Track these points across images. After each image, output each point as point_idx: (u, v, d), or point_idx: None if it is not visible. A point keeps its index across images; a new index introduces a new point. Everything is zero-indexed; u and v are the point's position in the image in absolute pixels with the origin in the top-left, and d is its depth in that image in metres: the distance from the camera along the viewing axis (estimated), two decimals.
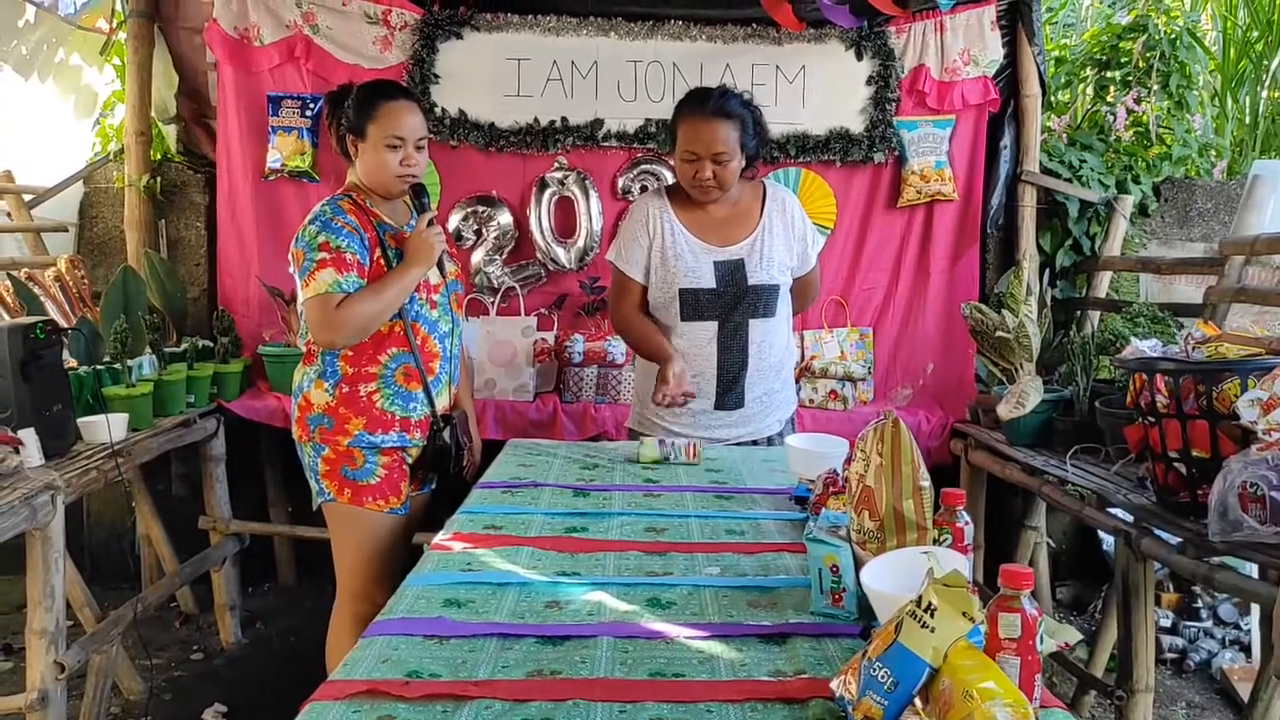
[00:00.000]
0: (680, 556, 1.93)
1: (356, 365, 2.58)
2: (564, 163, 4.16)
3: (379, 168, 2.58)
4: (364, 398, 2.58)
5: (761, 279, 2.86)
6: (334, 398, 2.58)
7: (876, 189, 4.22)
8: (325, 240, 2.48)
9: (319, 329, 2.49)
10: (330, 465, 2.59)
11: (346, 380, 2.58)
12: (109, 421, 3.12)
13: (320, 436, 2.59)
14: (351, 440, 2.57)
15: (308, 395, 2.62)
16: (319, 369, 2.61)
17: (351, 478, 2.59)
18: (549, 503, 2.31)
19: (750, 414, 2.95)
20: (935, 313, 4.21)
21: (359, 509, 2.60)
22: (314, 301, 2.47)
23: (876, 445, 1.58)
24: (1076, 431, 3.25)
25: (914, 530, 1.56)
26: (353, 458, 2.58)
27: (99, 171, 4.35)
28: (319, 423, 2.59)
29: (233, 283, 4.20)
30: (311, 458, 2.62)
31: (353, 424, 2.57)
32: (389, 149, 2.56)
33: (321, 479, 2.62)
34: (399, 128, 2.56)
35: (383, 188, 2.62)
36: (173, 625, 4.03)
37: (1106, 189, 4.19)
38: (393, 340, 2.59)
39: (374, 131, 2.55)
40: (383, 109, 2.56)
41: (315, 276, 2.46)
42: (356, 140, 2.59)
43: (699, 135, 2.73)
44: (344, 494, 2.60)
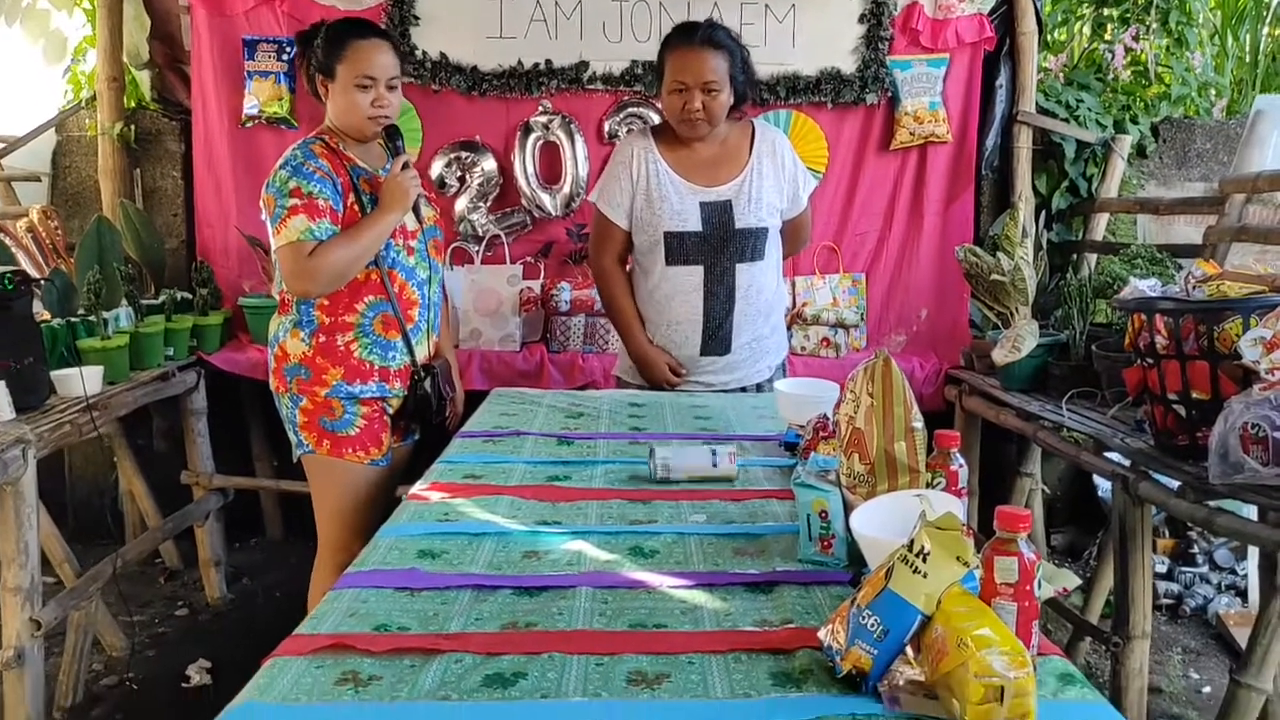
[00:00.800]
0: (665, 504, 1.86)
1: (333, 314, 2.50)
2: (548, 106, 4.05)
3: (349, 109, 2.48)
4: (341, 347, 2.50)
5: (749, 221, 2.79)
6: (310, 348, 2.50)
7: (869, 131, 4.11)
8: (296, 186, 2.39)
9: (292, 278, 2.41)
10: (308, 416, 2.52)
11: (323, 330, 2.50)
12: (83, 374, 3.04)
13: (298, 387, 2.51)
14: (329, 391, 2.50)
15: (283, 345, 2.54)
16: (294, 318, 2.52)
17: (330, 429, 2.52)
18: (531, 451, 2.24)
19: (738, 360, 2.88)
20: (929, 257, 4.13)
21: (338, 460, 2.53)
22: (286, 250, 2.39)
23: (867, 386, 1.51)
24: (1072, 376, 3.19)
25: (906, 473, 1.49)
26: (331, 408, 2.51)
27: (71, 120, 4.23)
28: (296, 373, 2.51)
29: (211, 233, 4.11)
30: (289, 409, 2.55)
31: (330, 374, 2.50)
32: (359, 89, 2.46)
33: (300, 431, 2.55)
34: (369, 67, 2.46)
35: (355, 130, 2.52)
36: (157, 581, 3.98)
37: (1104, 129, 4.09)
38: (369, 288, 2.51)
39: (343, 72, 2.46)
40: (352, 48, 2.45)
41: (287, 223, 2.38)
42: (326, 81, 2.50)
43: (688, 65, 2.66)
44: (323, 445, 2.53)
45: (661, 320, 2.87)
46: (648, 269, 2.87)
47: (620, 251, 2.93)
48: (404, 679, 1.19)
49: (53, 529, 3.18)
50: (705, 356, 2.86)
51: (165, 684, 3.15)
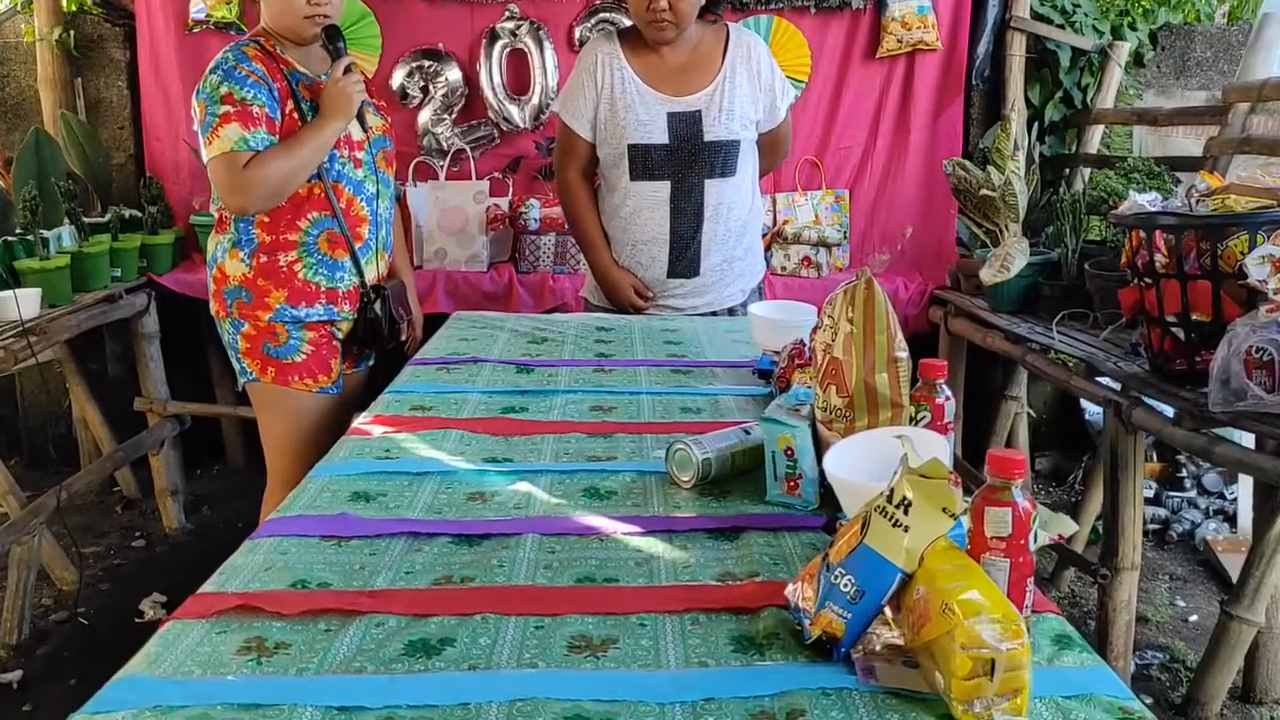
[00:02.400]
0: (627, 439, 1.72)
1: (274, 232, 2.31)
2: (515, 11, 3.80)
3: (285, 7, 2.27)
4: (284, 268, 2.32)
5: (719, 134, 2.61)
6: (251, 269, 2.32)
7: (854, 38, 3.89)
8: (228, 91, 2.19)
9: (227, 192, 2.23)
10: (251, 343, 2.36)
11: (264, 249, 2.32)
12: (16, 297, 2.86)
13: (239, 311, 2.34)
14: (273, 315, 2.33)
15: (222, 267, 2.36)
16: (233, 237, 2.34)
17: (275, 355, 2.36)
18: (488, 380, 2.09)
19: (708, 283, 2.73)
20: (915, 172, 3.94)
21: (285, 389, 2.38)
22: (219, 161, 2.20)
23: (846, 311, 1.36)
24: (1064, 296, 3.05)
25: (888, 408, 1.35)
26: (275, 333, 2.34)
27: (8, 25, 3.96)
28: (236, 296, 2.34)
29: (160, 147, 3.89)
30: (230, 335, 2.39)
31: (273, 297, 2.32)
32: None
33: (243, 358, 2.39)
34: None
35: (291, 31, 2.31)
36: (114, 511, 3.84)
37: (1100, 36, 3.88)
38: (313, 204, 2.32)
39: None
40: None
41: (219, 133, 2.18)
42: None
43: None
44: (267, 373, 2.37)
45: (626, 239, 2.71)
46: (612, 184, 2.70)
47: (585, 165, 2.76)
48: (315, 646, 1.05)
49: None
50: (673, 279, 2.71)
51: (118, 619, 3.03)
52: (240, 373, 2.42)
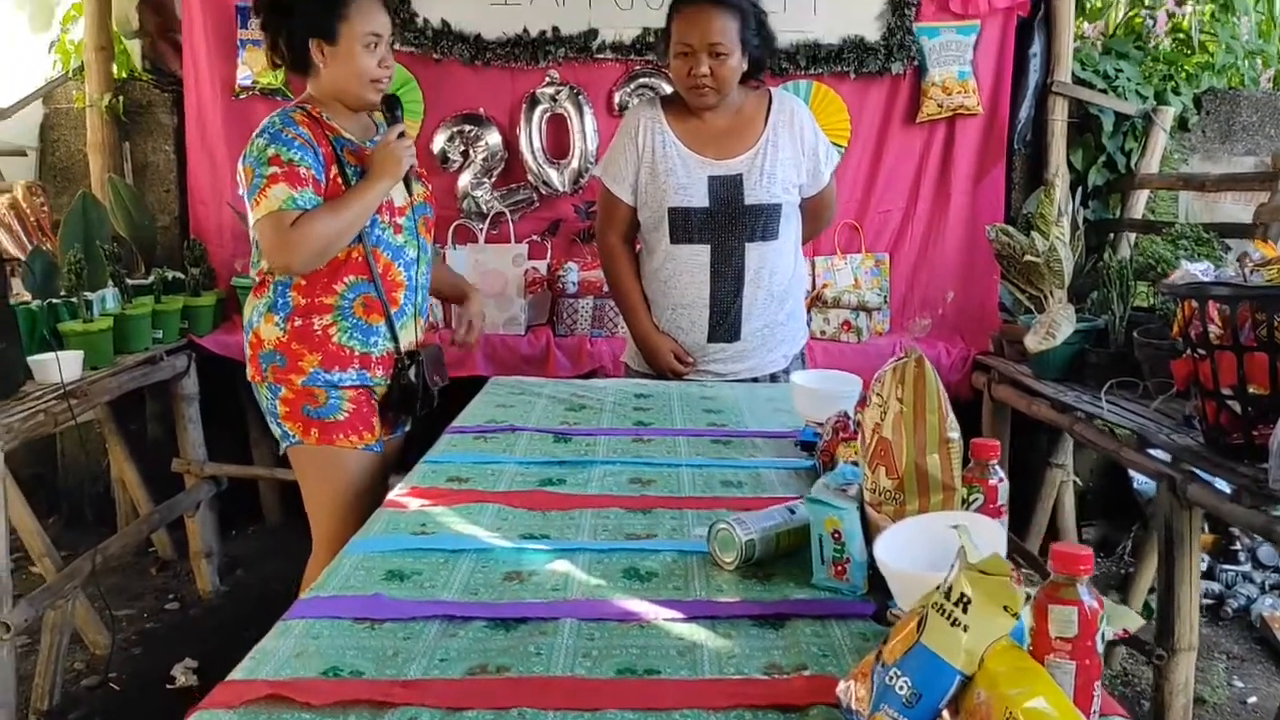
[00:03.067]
0: (667, 515, 1.68)
1: (310, 295, 2.30)
2: (555, 77, 3.84)
3: (354, 73, 2.27)
4: (319, 331, 2.30)
5: (761, 197, 2.58)
6: (285, 332, 2.30)
7: (894, 102, 3.89)
8: (276, 153, 2.19)
9: (273, 251, 2.22)
10: (290, 406, 2.33)
11: (299, 312, 2.30)
12: (59, 360, 2.87)
13: (274, 376, 2.32)
14: (306, 379, 2.30)
15: (258, 331, 2.34)
16: (269, 301, 2.33)
17: (316, 416, 2.32)
18: (525, 450, 2.06)
19: (749, 348, 2.69)
20: (956, 236, 3.92)
21: (330, 448, 2.33)
22: (266, 221, 2.19)
23: (896, 390, 1.32)
24: (1111, 364, 2.99)
25: (939, 490, 1.30)
26: (313, 395, 2.31)
27: (60, 91, 4.05)
28: (271, 360, 2.32)
29: (205, 210, 3.94)
30: (269, 400, 2.36)
31: (307, 360, 2.30)
32: (365, 49, 2.26)
33: (283, 421, 2.35)
34: (375, 23, 2.27)
35: (355, 97, 2.32)
36: (149, 572, 3.83)
37: (1144, 101, 3.85)
38: (350, 267, 2.31)
39: (347, 31, 2.24)
40: (354, 6, 2.25)
41: (266, 193, 2.18)
42: (324, 44, 2.26)
43: (693, 25, 2.47)
44: (310, 434, 2.33)
45: (666, 303, 2.68)
46: (652, 247, 2.69)
47: (626, 229, 2.75)
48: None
49: (33, 522, 3.02)
50: (713, 343, 2.67)
51: (149, 684, 3.00)
52: (282, 437, 2.38)
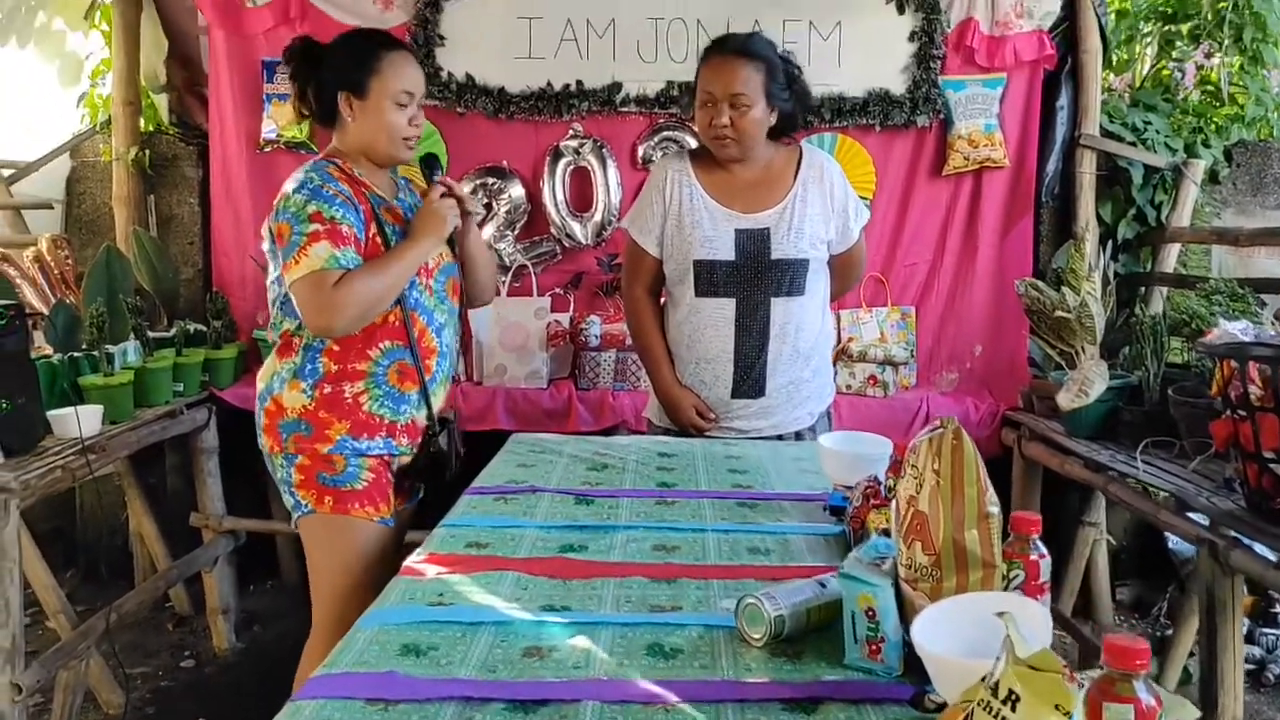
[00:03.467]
0: (692, 585, 1.62)
1: (343, 361, 2.18)
2: (579, 130, 3.84)
3: (383, 129, 2.20)
4: (349, 399, 2.18)
5: (788, 252, 2.55)
6: (312, 400, 2.17)
7: (919, 155, 3.87)
8: (317, 210, 2.08)
9: (315, 313, 2.09)
10: (305, 474, 2.18)
11: (329, 379, 2.18)
12: (78, 414, 2.85)
13: (295, 445, 2.17)
14: (333, 447, 2.17)
15: (278, 399, 2.20)
16: (294, 366, 2.20)
17: (332, 484, 2.18)
18: (546, 513, 2.01)
19: (773, 404, 2.64)
20: (984, 290, 3.87)
21: (345, 517, 2.18)
22: (306, 281, 2.07)
23: (932, 462, 1.26)
24: (1146, 423, 2.92)
25: (979, 568, 1.24)
26: (332, 462, 2.18)
27: (86, 145, 4.08)
28: (294, 430, 2.18)
29: (228, 263, 3.95)
30: (284, 469, 2.21)
31: (335, 429, 2.17)
32: (397, 106, 2.20)
33: (297, 490, 2.20)
34: (408, 80, 2.21)
35: (384, 154, 2.24)
36: (165, 628, 3.78)
37: (1173, 153, 3.80)
38: (387, 332, 2.21)
39: (378, 87, 2.18)
40: (386, 60, 2.19)
41: (307, 251, 2.06)
42: (353, 98, 2.19)
43: (717, 75, 2.46)
44: (324, 503, 2.18)
45: (690, 356, 2.64)
46: (677, 300, 2.66)
47: (652, 282, 2.72)
48: None
49: (49, 578, 3.00)
50: (737, 399, 2.63)
51: None
52: (294, 507, 2.23)
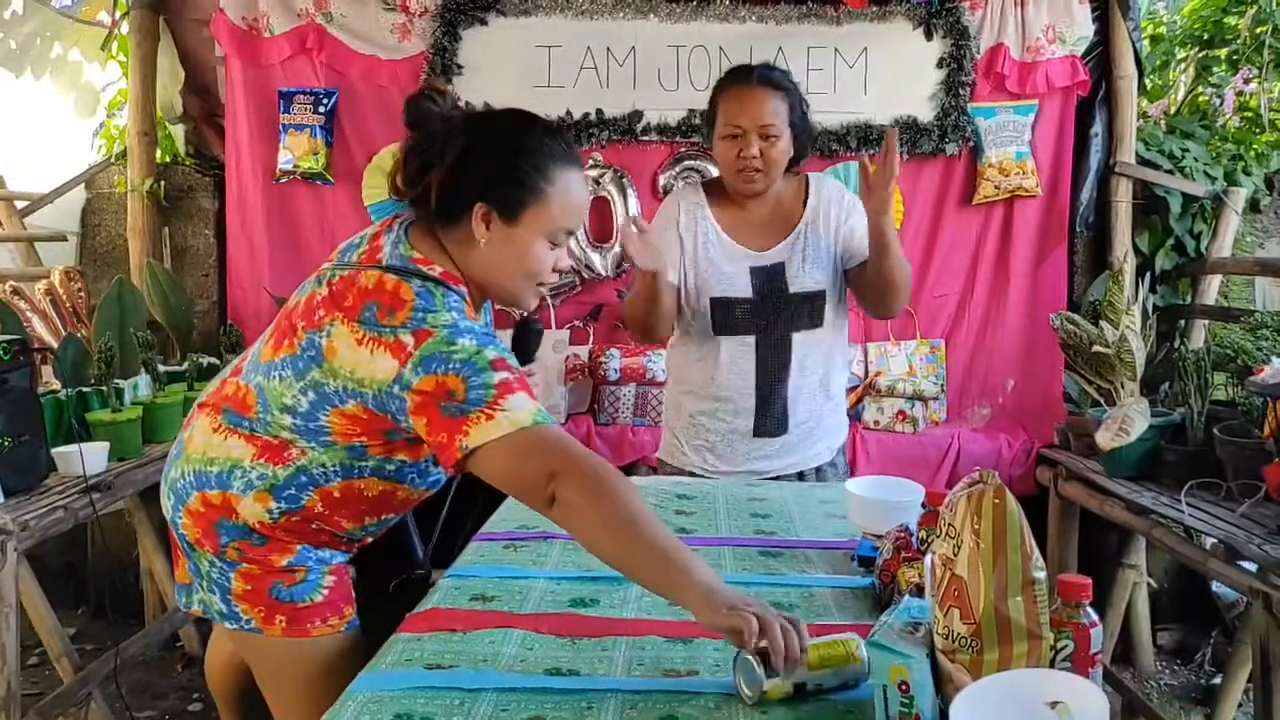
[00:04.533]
0: (710, 646, 1.51)
1: (332, 510, 1.70)
2: (599, 159, 3.77)
3: (520, 269, 1.67)
4: (317, 530, 1.73)
5: (805, 285, 2.45)
6: (275, 523, 1.68)
7: (949, 184, 3.77)
8: (498, 356, 1.53)
9: (542, 477, 1.47)
10: (254, 584, 1.69)
11: (307, 517, 1.69)
12: (82, 452, 2.78)
13: (239, 553, 1.68)
14: (293, 559, 1.71)
15: (229, 498, 1.66)
16: (272, 481, 1.65)
17: (288, 599, 1.70)
18: (557, 562, 1.90)
19: (794, 441, 2.52)
20: (1016, 322, 3.76)
21: (301, 640, 1.71)
22: (521, 439, 1.48)
23: (971, 522, 1.15)
24: (1190, 463, 2.79)
25: (1024, 639, 1.13)
26: (292, 572, 1.71)
27: (101, 176, 4.05)
28: (241, 536, 1.68)
29: (243, 295, 3.89)
30: (217, 572, 1.70)
31: (295, 545, 1.71)
32: (550, 245, 1.68)
33: (236, 602, 1.69)
34: (577, 214, 1.70)
35: (508, 293, 1.70)
36: (175, 669, 3.69)
37: (1213, 181, 3.69)
38: (395, 506, 1.80)
39: (536, 214, 1.63)
40: (561, 182, 1.64)
41: (504, 405, 1.48)
42: (498, 218, 1.62)
43: (744, 107, 2.35)
44: (275, 623, 1.69)
45: (707, 395, 2.52)
46: (692, 338, 2.54)
47: (671, 310, 2.50)
48: None
49: (52, 620, 2.90)
50: (759, 437, 2.51)
51: None
52: (227, 615, 1.71)
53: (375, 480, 1.70)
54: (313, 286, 1.67)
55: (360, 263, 1.65)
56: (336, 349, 1.56)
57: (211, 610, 1.72)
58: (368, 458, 1.67)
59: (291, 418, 1.63)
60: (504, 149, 1.62)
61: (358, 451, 1.66)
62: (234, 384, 1.73)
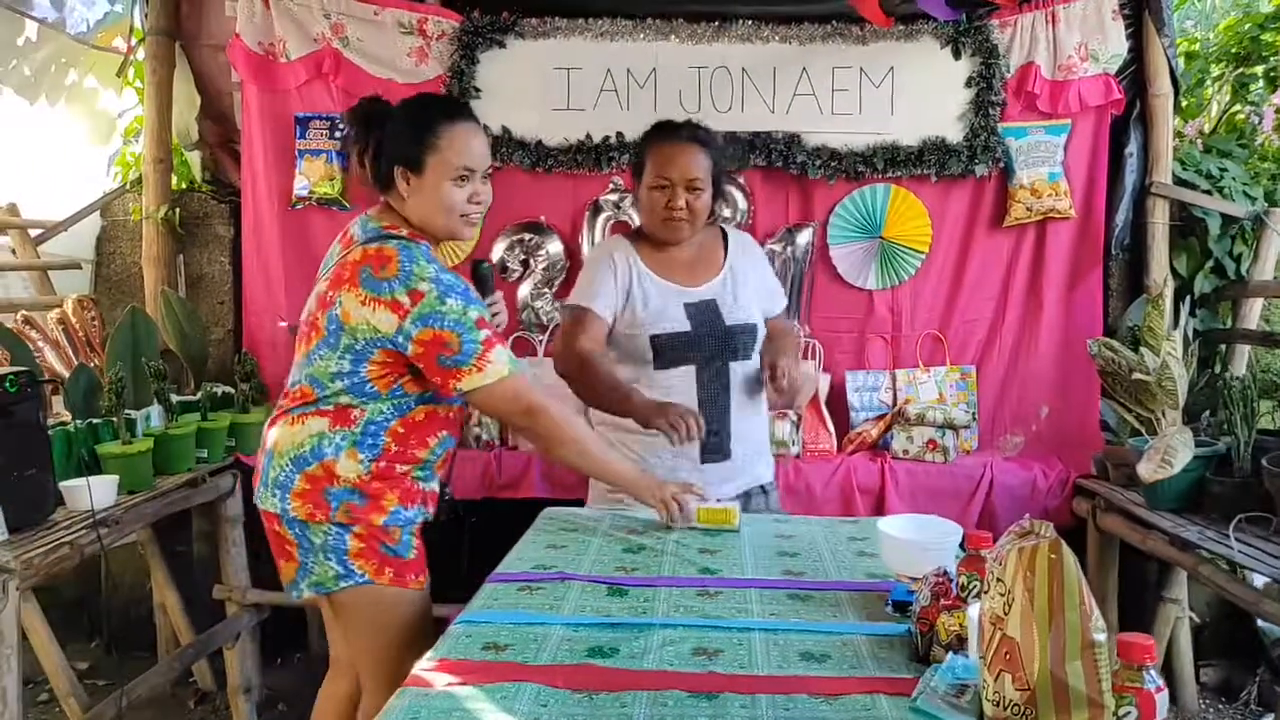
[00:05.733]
0: (736, 702, 1.41)
1: (404, 444, 2.11)
2: (619, 183, 3.70)
3: (440, 208, 2.08)
4: (401, 474, 2.12)
5: (740, 317, 2.62)
6: (369, 473, 2.07)
7: (979, 206, 3.67)
8: (479, 315, 2.02)
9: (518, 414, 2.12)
10: (365, 543, 2.08)
11: (387, 456, 2.09)
12: (90, 485, 2.71)
13: (347, 514, 2.05)
14: (388, 518, 2.09)
15: (330, 465, 2.05)
16: (353, 437, 2.06)
17: (393, 554, 2.11)
18: (575, 606, 1.81)
19: (739, 465, 2.63)
20: (1051, 348, 3.65)
21: (403, 590, 2.12)
22: (503, 388, 2.05)
23: (1023, 576, 1.05)
24: (1237, 495, 2.68)
25: (1083, 708, 1.02)
26: (390, 533, 2.10)
27: (116, 204, 3.99)
28: (346, 499, 2.06)
29: (258, 323, 3.82)
30: (334, 538, 2.06)
31: (388, 499, 2.09)
32: (455, 183, 2.07)
33: (352, 560, 2.07)
34: (468, 156, 2.07)
35: (444, 229, 2.12)
36: (187, 705, 3.61)
37: (1253, 201, 3.57)
38: (447, 424, 2.20)
39: (435, 163, 2.05)
40: (445, 135, 2.05)
41: (489, 359, 2.01)
42: (408, 173, 2.07)
43: (673, 161, 2.54)
44: (385, 574, 2.10)
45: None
46: (635, 378, 2.59)
47: (598, 343, 2.61)
48: None
49: (60, 659, 2.83)
50: (707, 463, 2.56)
51: None
52: (342, 576, 2.08)
53: (421, 408, 2.12)
54: (317, 291, 2.12)
55: (344, 255, 2.07)
56: (349, 313, 2.00)
57: (326, 582, 2.09)
58: (408, 394, 2.09)
59: (341, 381, 2.05)
60: (402, 123, 2.08)
61: (399, 393, 2.08)
62: (289, 393, 2.14)
